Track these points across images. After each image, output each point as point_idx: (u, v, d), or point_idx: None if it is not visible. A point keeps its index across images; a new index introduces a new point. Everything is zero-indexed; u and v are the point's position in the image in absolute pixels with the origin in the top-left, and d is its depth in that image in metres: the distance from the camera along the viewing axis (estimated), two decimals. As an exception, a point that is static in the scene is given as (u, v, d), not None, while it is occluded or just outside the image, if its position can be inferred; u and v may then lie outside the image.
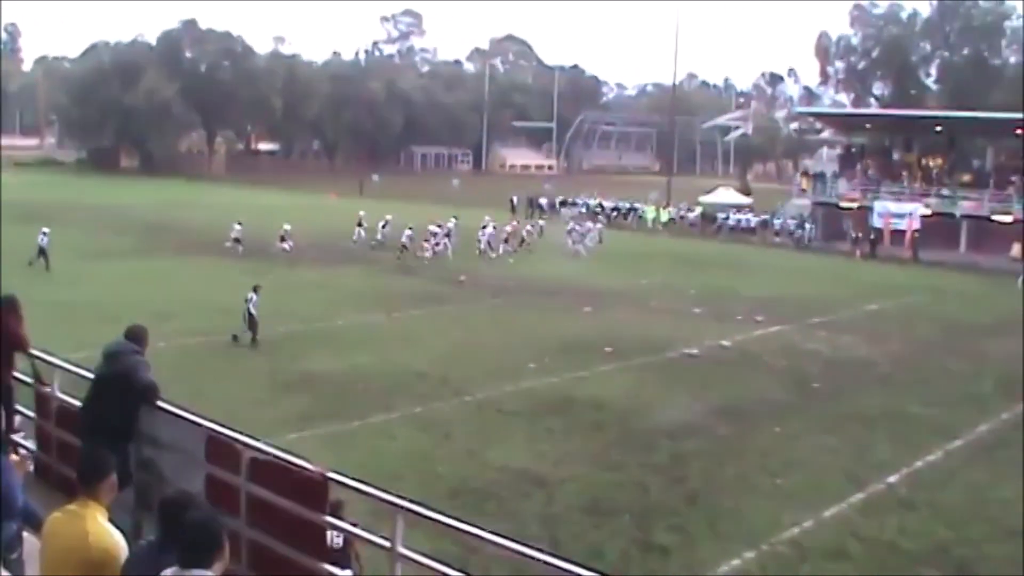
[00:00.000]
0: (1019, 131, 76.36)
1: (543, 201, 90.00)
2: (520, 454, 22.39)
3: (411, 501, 6.96)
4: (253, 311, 31.86)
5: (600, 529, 18.45)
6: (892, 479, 22.14)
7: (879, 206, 73.50)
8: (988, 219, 70.95)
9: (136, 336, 9.56)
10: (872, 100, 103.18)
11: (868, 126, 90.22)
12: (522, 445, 23.13)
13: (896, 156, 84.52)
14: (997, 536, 19.20)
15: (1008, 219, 70.19)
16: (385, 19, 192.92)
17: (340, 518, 8.15)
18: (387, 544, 6.92)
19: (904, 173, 78.65)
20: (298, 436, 21.50)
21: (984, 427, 27.14)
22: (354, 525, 8.00)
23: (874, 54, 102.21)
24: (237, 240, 53.89)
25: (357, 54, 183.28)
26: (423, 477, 20.26)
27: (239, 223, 54.94)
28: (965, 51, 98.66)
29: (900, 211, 72.55)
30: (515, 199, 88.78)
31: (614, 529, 18.50)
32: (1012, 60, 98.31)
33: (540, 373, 30.04)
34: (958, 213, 72.15)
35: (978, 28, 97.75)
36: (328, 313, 37.49)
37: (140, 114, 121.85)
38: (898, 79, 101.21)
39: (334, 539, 9.05)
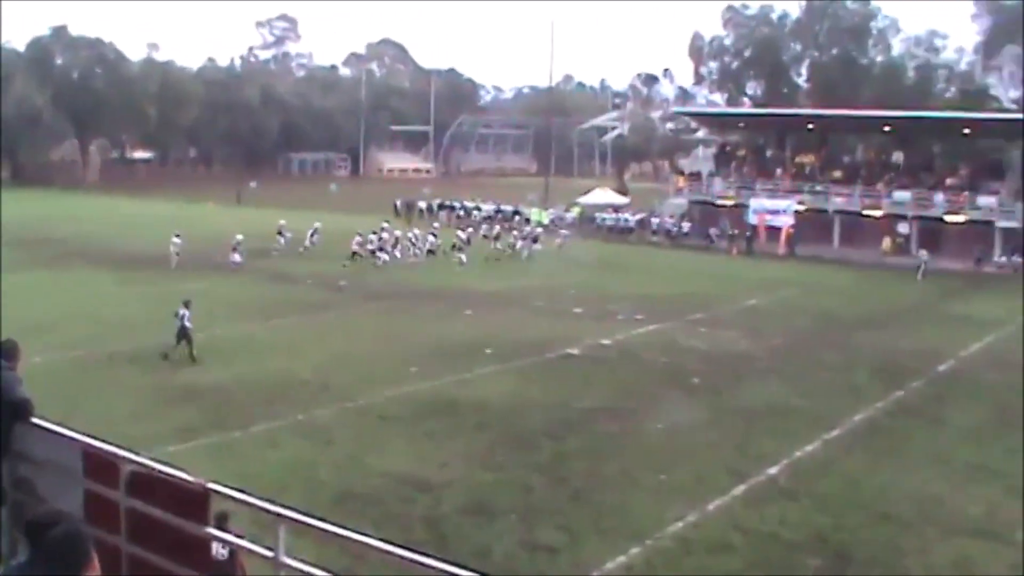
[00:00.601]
0: (887, 128, 78.45)
1: (422, 205, 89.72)
2: (404, 458, 22.34)
3: (294, 510, 6.91)
4: (187, 325, 31.25)
5: (486, 530, 18.48)
6: (773, 470, 22.53)
7: (754, 203, 74.84)
8: (859, 214, 72.66)
9: (8, 351, 9.34)
10: (745, 99, 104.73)
11: (742, 125, 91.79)
12: (405, 449, 23.08)
13: (770, 154, 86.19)
14: (873, 521, 19.68)
15: (878, 214, 71.98)
16: (260, 24, 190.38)
17: (226, 530, 8.05)
18: (270, 554, 6.87)
19: (778, 170, 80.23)
20: (180, 448, 21.21)
21: (860, 416, 27.76)
22: (239, 536, 7.91)
23: (746, 54, 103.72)
24: (177, 254, 52.95)
25: (232, 60, 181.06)
26: (307, 485, 20.13)
27: (177, 236, 53.90)
28: (834, 51, 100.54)
29: (775, 208, 73.93)
30: (399, 203, 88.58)
31: (500, 530, 18.54)
32: (879, 59, 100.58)
33: (422, 377, 30.00)
34: (831, 209, 73.76)
35: (846, 28, 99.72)
36: (209, 323, 36.84)
37: (10, 123, 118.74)
38: (770, 78, 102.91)
39: (219, 551, 8.94)
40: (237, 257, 52.80)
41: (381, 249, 56.26)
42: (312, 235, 61.95)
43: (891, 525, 19.56)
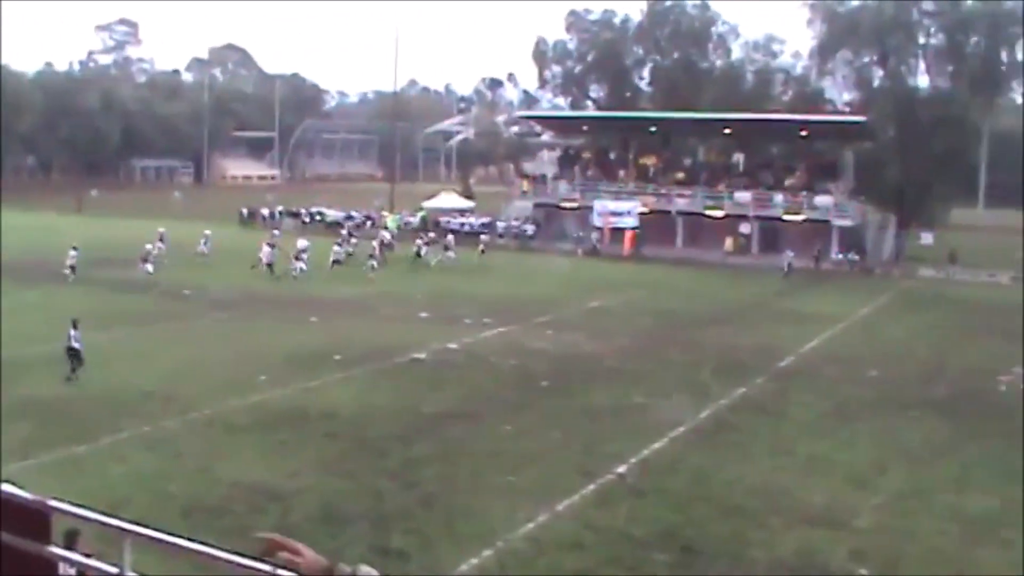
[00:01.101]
0: (727, 130, 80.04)
1: (264, 212, 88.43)
2: (253, 468, 22.01)
3: (140, 524, 6.73)
4: (76, 346, 29.94)
5: (337, 538, 18.28)
6: (621, 469, 22.76)
7: (599, 205, 75.48)
8: (702, 215, 73.97)
9: None
10: (589, 103, 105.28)
11: (586, 128, 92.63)
12: (255, 459, 22.74)
13: (613, 156, 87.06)
14: (720, 515, 20.07)
15: (720, 214, 73.40)
16: (100, 28, 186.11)
17: (74, 549, 7.82)
18: (115, 570, 6.68)
19: (622, 173, 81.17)
20: (21, 466, 20.51)
21: (705, 413, 28.29)
22: (88, 556, 7.68)
23: (589, 58, 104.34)
24: (72, 268, 50.57)
25: (72, 65, 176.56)
26: (155, 498, 19.71)
27: (74, 249, 51.78)
28: (675, 55, 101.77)
29: (619, 210, 74.71)
30: (244, 211, 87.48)
31: (352, 537, 18.37)
32: (719, 63, 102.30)
33: (270, 385, 29.61)
34: (674, 210, 74.96)
35: (687, 33, 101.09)
36: (49, 334, 35.74)
37: None
38: (613, 82, 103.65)
39: (67, 571, 8.67)
40: (149, 267, 51.98)
41: (298, 258, 55.57)
42: (204, 243, 61.37)
43: (738, 518, 19.94)
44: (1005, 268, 67.80)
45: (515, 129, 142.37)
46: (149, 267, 52.07)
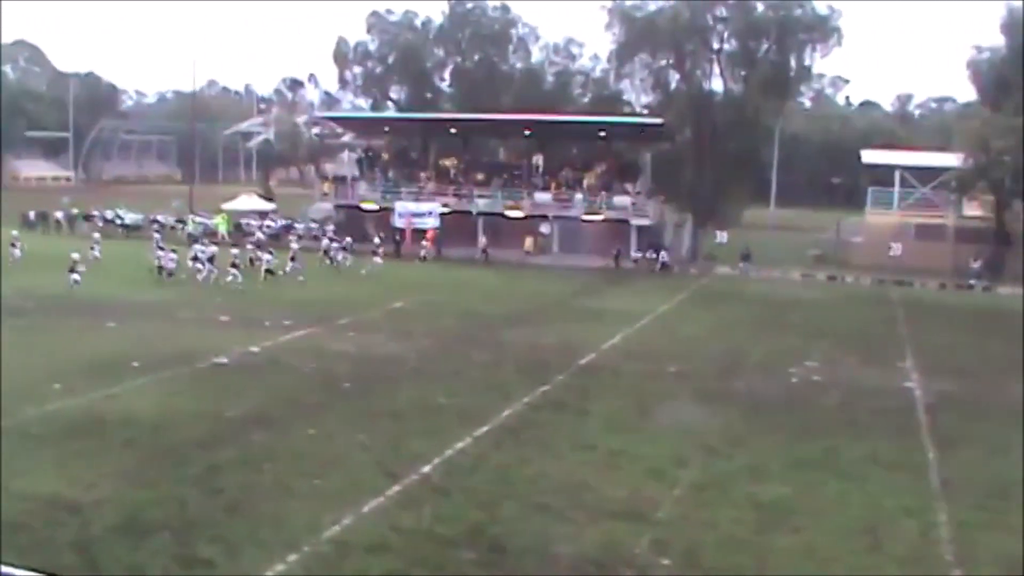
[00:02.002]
0: (527, 131, 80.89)
1: (59, 215, 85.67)
2: (50, 480, 21.30)
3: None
4: None
5: (140, 549, 17.86)
6: (426, 469, 22.81)
7: (400, 207, 75.48)
8: (502, 215, 74.53)
9: None
10: (390, 104, 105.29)
11: (387, 129, 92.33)
12: (51, 471, 22.00)
13: (414, 157, 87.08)
14: (526, 512, 20.26)
15: (520, 215, 74.10)
16: None
17: None
18: None
19: (423, 174, 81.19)
20: None
21: (508, 412, 28.52)
22: None
23: (391, 59, 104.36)
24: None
25: None
26: (-56, 516, 18.95)
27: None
28: (476, 57, 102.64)
29: (420, 211, 74.84)
30: (32, 214, 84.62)
31: (154, 547, 17.95)
32: (519, 65, 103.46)
33: (66, 394, 28.71)
34: (475, 211, 75.33)
35: (488, 35, 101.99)
36: None
37: None
38: (414, 83, 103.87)
39: None
40: (76, 277, 49.48)
41: (234, 266, 53.91)
42: (94, 248, 59.58)
43: (543, 514, 20.17)
44: (796, 265, 70.31)
45: (316, 130, 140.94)
46: (76, 277, 49.71)
